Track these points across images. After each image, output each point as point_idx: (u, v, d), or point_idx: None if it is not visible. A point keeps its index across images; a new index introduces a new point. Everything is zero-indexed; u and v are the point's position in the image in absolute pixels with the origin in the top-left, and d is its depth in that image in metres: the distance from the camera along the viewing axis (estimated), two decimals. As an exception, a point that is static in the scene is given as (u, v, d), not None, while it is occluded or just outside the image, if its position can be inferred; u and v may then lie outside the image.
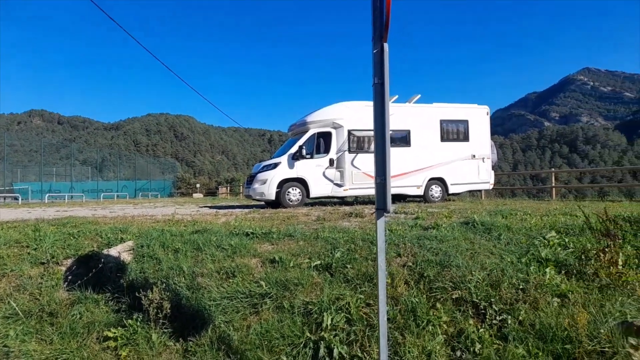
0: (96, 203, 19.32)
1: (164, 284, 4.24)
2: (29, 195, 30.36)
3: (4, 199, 27.53)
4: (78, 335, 3.79)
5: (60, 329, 3.86)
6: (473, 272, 4.18)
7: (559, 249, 4.91)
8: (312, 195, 12.04)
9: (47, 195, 28.54)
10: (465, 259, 4.51)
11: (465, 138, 13.86)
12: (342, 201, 14.50)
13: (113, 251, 4.95)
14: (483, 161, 13.98)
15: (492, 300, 3.79)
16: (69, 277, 4.50)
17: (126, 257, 4.94)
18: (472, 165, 13.86)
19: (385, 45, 2.47)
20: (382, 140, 2.55)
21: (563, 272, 4.34)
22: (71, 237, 5.41)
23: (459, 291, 3.95)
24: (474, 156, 13.84)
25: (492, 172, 14.43)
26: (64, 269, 4.74)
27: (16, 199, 26.08)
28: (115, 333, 3.73)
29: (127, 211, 10.62)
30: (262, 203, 13.38)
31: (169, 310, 3.81)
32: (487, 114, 14.40)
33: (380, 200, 2.56)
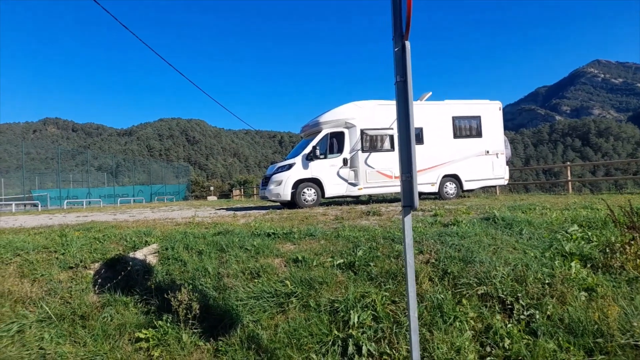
0: (114, 208, 19.58)
1: (191, 285, 4.32)
2: (47, 201, 30.87)
3: (24, 206, 28.10)
4: (110, 337, 3.88)
5: (92, 331, 3.96)
6: (497, 268, 4.18)
7: (583, 242, 4.88)
8: (327, 195, 12.09)
9: (65, 201, 29.02)
10: (488, 255, 4.51)
11: (478, 134, 13.81)
12: (357, 200, 14.52)
13: (139, 254, 5.04)
14: (497, 157, 13.91)
15: (519, 295, 3.79)
16: (98, 281, 4.60)
17: (152, 259, 5.03)
18: (486, 161, 13.80)
19: (407, 43, 2.50)
20: (407, 138, 2.58)
21: (589, 265, 4.32)
22: (97, 242, 5.52)
23: (484, 287, 3.96)
24: (488, 152, 13.78)
25: (507, 167, 14.35)
26: (92, 272, 4.85)
27: (35, 205, 26.54)
28: (146, 334, 3.81)
29: (146, 215, 10.76)
30: (278, 204, 13.45)
31: (197, 311, 3.87)
32: (500, 109, 14.33)
33: (406, 197, 2.59)
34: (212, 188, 49.00)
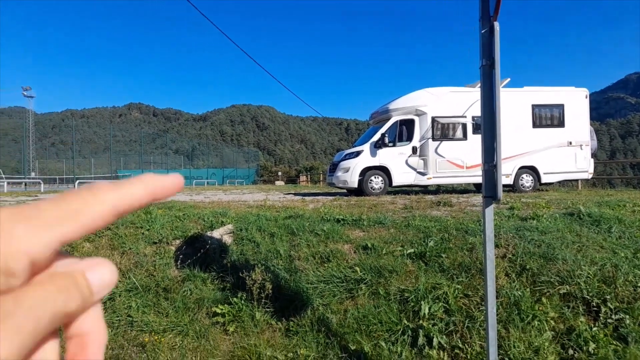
0: (190, 189, 20.70)
1: (263, 266, 4.47)
2: (131, 181, 33.33)
3: (111, 184, 30.61)
4: (190, 310, 4.14)
5: (174, 303, 4.24)
6: (582, 267, 3.91)
7: (683, 244, 4.42)
8: (394, 183, 11.91)
9: (146, 181, 31.18)
10: (572, 253, 4.23)
11: (561, 124, 12.86)
12: (425, 190, 14.19)
13: (216, 234, 5.30)
14: (581, 148, 12.89)
15: (607, 297, 3.52)
16: (180, 256, 4.90)
17: (227, 239, 5.27)
18: (568, 153, 12.85)
19: (496, 24, 2.36)
20: (491, 125, 2.48)
21: (690, 270, 3.91)
22: (178, 220, 5.87)
23: (567, 286, 3.72)
24: (571, 143, 12.81)
25: (592, 160, 13.27)
26: (173, 248, 5.18)
27: (120, 185, 28.80)
28: (222, 310, 4.02)
29: (219, 197, 11.26)
30: (344, 191, 13.50)
31: (270, 291, 4.01)
32: (586, 97, 13.22)
33: (488, 187, 2.49)
34: (280, 173, 50.27)
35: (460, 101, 12.14)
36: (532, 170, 12.59)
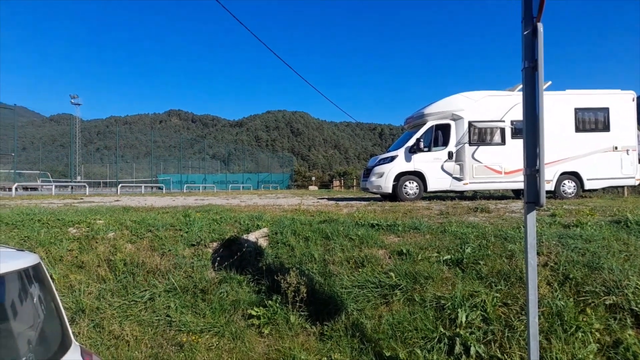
0: (226, 193, 21.14)
1: (298, 270, 4.50)
2: (170, 185, 34.66)
3: (151, 188, 31.75)
4: (226, 312, 4.22)
5: (210, 304, 4.33)
6: (630, 277, 3.73)
7: None
8: (429, 189, 11.74)
9: (185, 185, 32.26)
10: (619, 262, 4.04)
11: (605, 128, 12.32)
12: (460, 195, 13.92)
13: (251, 237, 5.39)
14: (627, 153, 12.30)
15: (657, 309, 3.34)
16: (217, 259, 5.02)
17: (263, 242, 5.35)
18: (613, 158, 12.27)
19: (539, 26, 2.31)
20: (534, 129, 2.42)
21: None
22: (215, 223, 6.01)
23: (614, 297, 3.56)
24: (616, 148, 12.23)
25: (639, 166, 12.63)
26: (210, 251, 5.30)
27: (160, 188, 29.91)
28: (258, 312, 4.07)
29: (255, 201, 11.44)
30: (378, 196, 13.42)
31: (305, 294, 4.04)
32: (633, 100, 12.60)
33: (530, 192, 2.42)
34: (313, 178, 50.57)
35: (498, 105, 11.87)
36: (575, 176, 12.12)
